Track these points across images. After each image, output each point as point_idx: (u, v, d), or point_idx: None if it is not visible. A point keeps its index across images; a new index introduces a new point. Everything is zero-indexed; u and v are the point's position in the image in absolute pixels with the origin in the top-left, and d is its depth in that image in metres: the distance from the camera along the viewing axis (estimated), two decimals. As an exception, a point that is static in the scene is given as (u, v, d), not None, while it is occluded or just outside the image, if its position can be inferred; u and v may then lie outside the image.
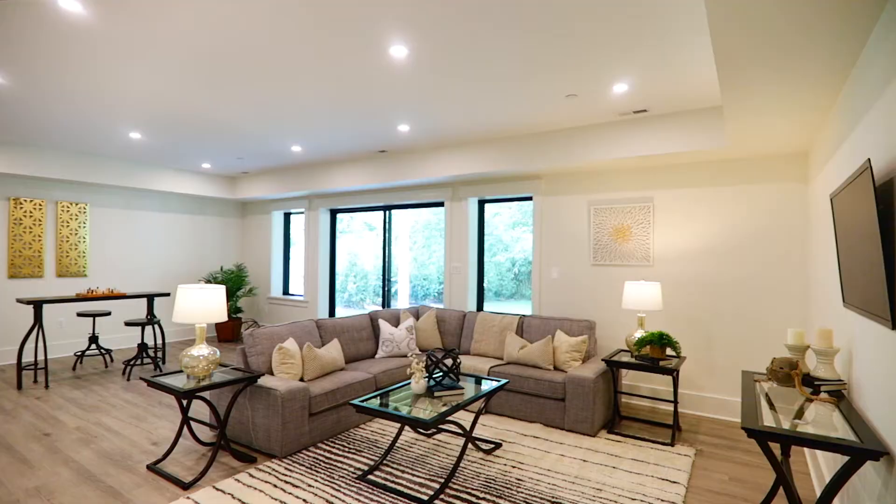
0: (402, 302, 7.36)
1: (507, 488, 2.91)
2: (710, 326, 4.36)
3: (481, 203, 6.05)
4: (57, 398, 4.65)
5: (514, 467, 3.21)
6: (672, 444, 3.58)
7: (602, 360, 3.98)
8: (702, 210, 4.41)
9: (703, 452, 3.53)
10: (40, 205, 6.27)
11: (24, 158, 5.69)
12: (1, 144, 5.50)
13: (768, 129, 3.24)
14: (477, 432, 3.83)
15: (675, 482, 3.01)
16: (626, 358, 3.99)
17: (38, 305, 4.98)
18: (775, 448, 3.49)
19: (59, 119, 4.59)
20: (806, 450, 3.56)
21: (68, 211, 6.52)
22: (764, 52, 2.05)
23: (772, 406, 2.21)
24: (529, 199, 5.58)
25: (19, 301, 4.89)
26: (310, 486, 2.92)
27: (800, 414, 2.06)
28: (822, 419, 1.98)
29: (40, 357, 6.20)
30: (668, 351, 4.58)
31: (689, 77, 3.32)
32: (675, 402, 3.76)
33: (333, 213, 7.68)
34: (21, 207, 6.09)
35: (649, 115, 4.16)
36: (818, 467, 3.01)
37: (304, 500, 2.74)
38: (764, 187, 4.14)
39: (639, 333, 4.07)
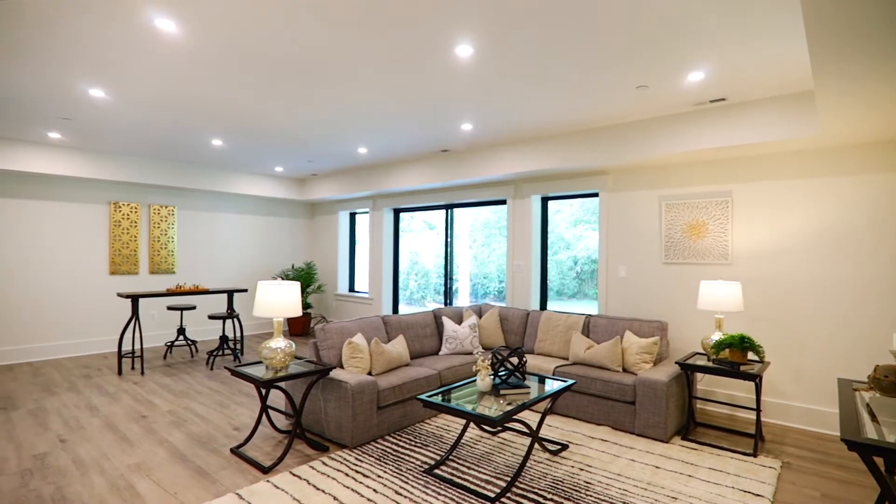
0: (462, 300, 7.40)
1: (576, 491, 2.85)
2: (798, 330, 4.03)
3: (544, 200, 5.95)
4: (151, 384, 5.10)
5: (581, 470, 3.13)
6: (754, 455, 3.35)
7: (676, 362, 3.79)
8: (788, 204, 4.08)
9: (791, 465, 3.28)
10: (135, 208, 6.89)
11: (122, 166, 6.29)
12: (103, 154, 6.12)
13: (868, 115, 2.94)
14: (543, 433, 3.78)
15: (758, 495, 2.82)
16: (701, 361, 3.78)
17: (135, 299, 5.49)
18: (878, 463, 3.18)
19: (151, 129, 5.02)
20: (913, 468, 3.21)
21: (159, 213, 7.12)
22: (865, 30, 1.87)
23: (874, 418, 2.02)
24: (595, 195, 5.42)
25: (119, 295, 5.42)
26: (379, 476, 3.01)
27: (910, 427, 1.87)
28: (938, 434, 1.78)
29: (137, 346, 6.83)
30: (750, 355, 4.29)
31: (774, 60, 3.08)
32: (758, 409, 3.52)
33: (397, 213, 7.86)
34: (120, 211, 6.73)
35: (728, 103, 3.91)
36: (930, 488, 2.71)
37: (374, 490, 2.84)
38: (861, 178, 3.76)
39: (716, 336, 3.84)
